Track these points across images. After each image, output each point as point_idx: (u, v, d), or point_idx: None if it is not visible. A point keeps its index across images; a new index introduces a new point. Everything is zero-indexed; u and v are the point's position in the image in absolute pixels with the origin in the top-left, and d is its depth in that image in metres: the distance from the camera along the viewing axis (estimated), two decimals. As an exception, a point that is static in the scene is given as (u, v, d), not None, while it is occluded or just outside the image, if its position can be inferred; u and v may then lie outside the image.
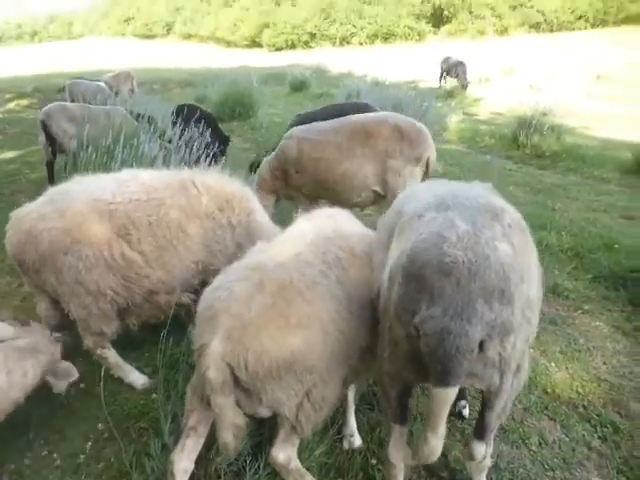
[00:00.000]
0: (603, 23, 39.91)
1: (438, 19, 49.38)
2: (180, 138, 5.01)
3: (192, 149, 4.67)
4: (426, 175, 4.34)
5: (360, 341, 2.08)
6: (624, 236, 4.80)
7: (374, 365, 2.32)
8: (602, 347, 3.25)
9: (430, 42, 46.20)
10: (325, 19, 50.82)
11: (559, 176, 7.36)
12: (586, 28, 40.38)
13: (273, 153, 4.60)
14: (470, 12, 47.50)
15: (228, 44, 55.27)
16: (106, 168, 4.10)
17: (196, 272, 2.86)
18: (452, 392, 1.51)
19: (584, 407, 2.73)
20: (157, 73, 23.73)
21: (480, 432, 1.86)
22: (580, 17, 41.11)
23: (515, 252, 1.57)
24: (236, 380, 1.80)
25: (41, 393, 2.89)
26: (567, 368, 3.05)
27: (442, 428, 1.58)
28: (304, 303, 1.87)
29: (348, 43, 49.81)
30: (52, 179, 6.36)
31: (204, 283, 3.01)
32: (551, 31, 42.06)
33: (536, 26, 43.85)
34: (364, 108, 5.80)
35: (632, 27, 35.83)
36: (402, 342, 1.66)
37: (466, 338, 1.44)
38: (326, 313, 1.92)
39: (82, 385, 3.02)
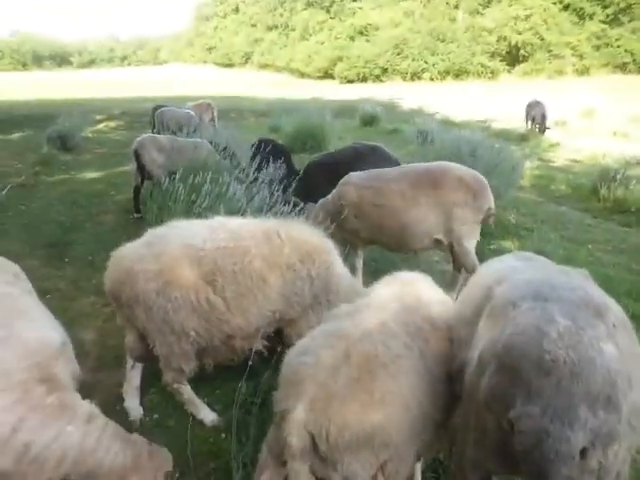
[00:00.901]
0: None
1: (514, 58, 48.82)
2: (258, 175, 5.25)
3: (272, 189, 4.84)
4: (485, 223, 4.50)
5: (436, 416, 2.05)
6: None
7: (445, 439, 2.27)
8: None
9: (504, 81, 45.68)
10: (398, 54, 51.72)
11: (645, 235, 6.90)
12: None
13: (326, 198, 4.74)
14: (549, 51, 46.53)
15: (302, 75, 57.49)
16: (192, 203, 4.35)
17: (272, 320, 2.95)
18: None
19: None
20: (234, 101, 25.07)
21: None
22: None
23: (621, 355, 1.50)
24: (314, 447, 1.83)
25: (118, 419, 3.07)
26: None
27: None
28: (388, 378, 1.88)
29: (419, 78, 50.32)
30: (137, 203, 6.85)
31: (278, 331, 3.11)
32: (638, 72, 40.10)
33: (622, 67, 42.06)
34: (377, 150, 6.04)
35: None
36: (491, 432, 1.62)
37: (567, 444, 1.38)
38: (408, 388, 1.92)
39: (155, 415, 3.17)
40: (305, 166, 6.14)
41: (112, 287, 2.79)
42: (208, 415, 3.05)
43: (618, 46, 42.33)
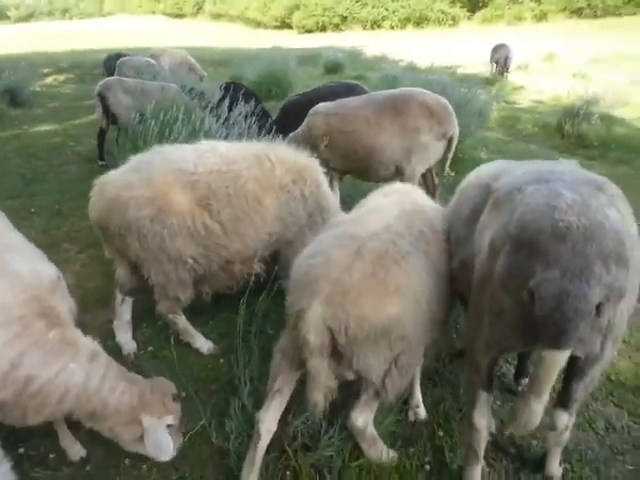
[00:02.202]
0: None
1: (473, 4, 48.05)
2: (229, 113, 5.07)
3: (249, 124, 4.71)
4: (448, 151, 4.54)
5: (440, 314, 2.13)
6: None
7: (445, 339, 2.38)
8: (665, 338, 3.20)
9: (465, 27, 45.11)
10: (356, 2, 50.03)
11: (608, 167, 7.16)
12: (635, 13, 38.29)
13: (297, 130, 4.75)
14: (507, -4, 46.08)
15: (258, 24, 54.99)
16: (167, 142, 4.18)
17: (269, 243, 2.94)
18: (563, 356, 1.55)
19: (651, 395, 2.72)
20: (190, 52, 23.79)
21: (565, 401, 1.87)
22: (629, 1, 38.88)
23: (624, 218, 1.65)
24: (332, 343, 1.87)
25: (110, 355, 3.04)
26: (630, 357, 3.03)
27: (546, 394, 1.62)
28: (400, 272, 1.93)
29: (379, 27, 48.98)
30: (102, 149, 6.57)
31: (275, 254, 3.10)
32: (595, 17, 40.37)
33: (578, 11, 42.21)
34: (357, 89, 5.93)
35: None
36: (508, 309, 1.71)
37: (585, 300, 1.48)
38: (418, 283, 1.98)
39: (150, 348, 3.15)
40: (282, 105, 5.97)
41: (99, 217, 2.68)
42: (204, 344, 3.06)
43: (574, -9, 42.27)
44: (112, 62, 10.72)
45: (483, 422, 2.00)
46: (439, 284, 2.10)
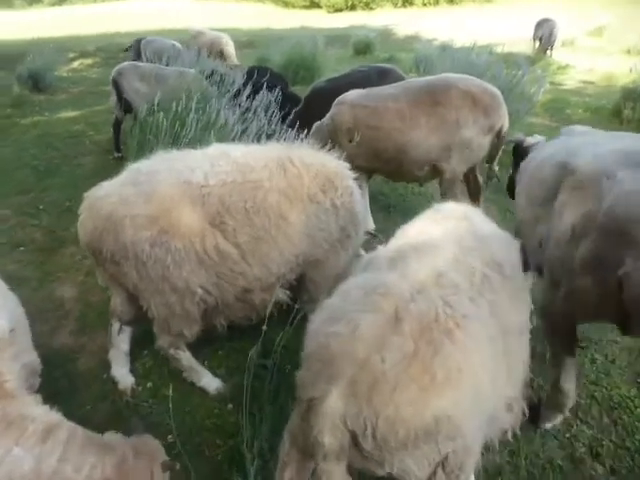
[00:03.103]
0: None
1: (512, -24, 45.64)
2: (252, 104, 4.56)
3: (269, 116, 4.20)
4: (498, 147, 3.91)
5: (510, 391, 1.61)
6: None
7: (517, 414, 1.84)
8: None
9: (500, 2, 42.93)
10: (388, -22, 48.21)
11: (675, 158, 6.35)
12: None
13: (321, 121, 4.18)
14: (548, -32, 43.48)
15: (286, 4, 53.78)
16: (177, 136, 3.72)
17: (295, 265, 2.46)
18: None
19: None
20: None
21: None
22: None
23: None
24: (355, 443, 1.38)
25: (105, 388, 2.64)
26: None
27: None
28: (455, 349, 1.38)
29: (411, 4, 47.10)
30: (118, 140, 6.20)
31: (301, 277, 2.63)
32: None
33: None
34: (391, 73, 5.29)
35: None
36: (589, 291, 1.81)
37: None
38: (479, 361, 1.42)
39: (149, 384, 2.74)
40: (308, 92, 5.41)
41: (90, 239, 2.25)
42: (211, 382, 2.63)
43: (624, -41, 39.54)
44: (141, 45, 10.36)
45: (571, 387, 2.17)
46: (510, 349, 1.56)
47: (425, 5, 46.24)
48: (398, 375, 1.32)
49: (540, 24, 14.99)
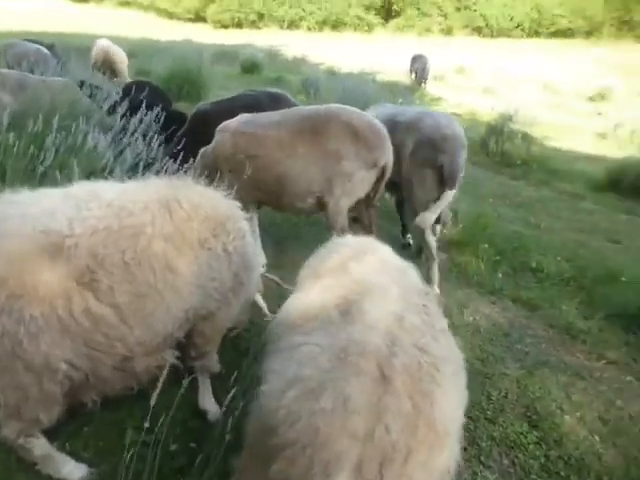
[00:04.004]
0: (537, 34, 42.09)
1: (387, 12, 49.43)
2: (128, 124, 4.06)
3: (149, 140, 3.76)
4: (380, 182, 3.79)
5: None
6: (622, 265, 4.53)
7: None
8: (642, 411, 2.86)
9: (379, 35, 46.12)
10: (273, 0, 49.17)
11: (533, 189, 7.14)
12: (522, 37, 42.37)
13: (206, 148, 3.88)
14: (417, 9, 47.93)
15: (170, 15, 51.90)
16: (32, 162, 3.11)
17: (185, 321, 2.09)
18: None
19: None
20: (93, 40, 21.48)
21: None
22: (517, 26, 43.04)
23: None
24: None
25: None
26: (615, 445, 2.60)
27: None
28: (442, 395, 1.30)
29: (297, 27, 48.49)
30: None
31: (189, 331, 2.26)
32: (492, 36, 43.54)
33: (478, 30, 45.16)
34: (281, 99, 5.15)
35: (562, 40, 38.17)
36: (429, 176, 3.87)
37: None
38: (456, 398, 1.39)
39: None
40: (191, 116, 5.01)
41: None
42: (74, 471, 2.10)
43: (475, 10, 45.38)
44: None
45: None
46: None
47: (310, 30, 47.99)
48: (408, 441, 1.18)
49: (415, 59, 16.25)
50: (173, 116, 5.43)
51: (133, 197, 1.98)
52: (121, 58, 9.98)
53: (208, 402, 2.57)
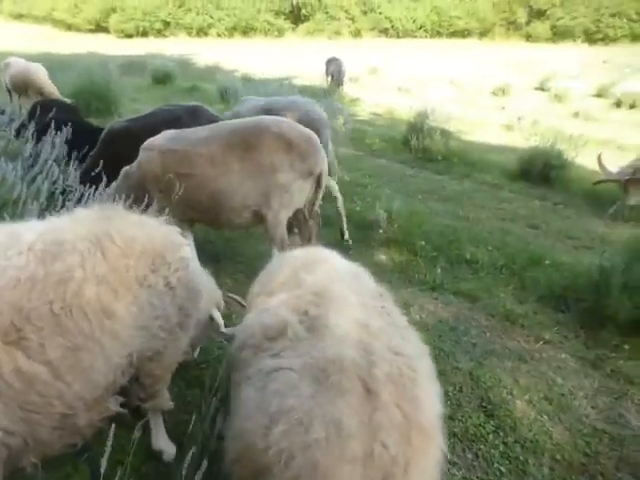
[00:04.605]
0: (439, 34, 44.75)
1: (296, 17, 49.95)
2: (39, 150, 3.70)
3: (62, 164, 3.45)
4: (318, 190, 3.83)
5: None
6: (543, 249, 4.86)
7: None
8: (580, 386, 3.05)
9: (290, 39, 46.47)
10: (180, 7, 47.86)
11: (456, 182, 7.47)
12: (425, 37, 44.85)
13: (130, 167, 3.72)
14: (326, 12, 48.92)
15: (69, 27, 48.74)
16: None
17: (128, 367, 1.90)
18: None
19: (602, 474, 2.44)
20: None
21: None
22: (420, 27, 45.45)
23: None
24: None
25: None
26: (561, 420, 2.76)
27: None
28: (424, 395, 1.35)
29: (206, 34, 47.56)
30: None
31: (135, 372, 2.07)
32: (398, 37, 45.57)
33: (385, 31, 47.05)
34: (199, 112, 5.07)
35: (460, 40, 40.99)
36: None
37: None
38: (436, 394, 1.43)
39: None
40: (104, 134, 4.68)
41: None
42: None
43: (380, 12, 47.26)
44: None
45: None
46: None
47: (219, 36, 47.25)
48: (405, 452, 1.19)
49: (330, 61, 16.50)
50: (87, 131, 5.08)
51: (57, 237, 1.77)
52: (45, 76, 8.98)
53: (163, 441, 2.41)
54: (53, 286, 1.64)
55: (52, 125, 4.31)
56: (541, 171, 7.37)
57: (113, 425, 1.69)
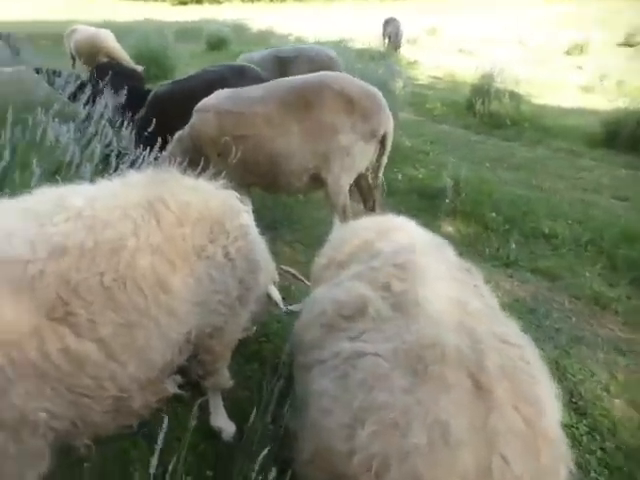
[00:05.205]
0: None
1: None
2: (93, 111, 3.59)
3: (118, 126, 3.33)
4: (382, 153, 3.49)
5: None
6: (637, 224, 4.30)
7: None
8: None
9: (343, 1, 44.81)
10: (233, -29, 47.21)
11: (528, 148, 6.85)
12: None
13: (183, 130, 3.53)
14: (382, -29, 46.63)
15: (126, -5, 49.43)
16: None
17: (186, 345, 1.74)
18: None
19: None
20: (46, 26, 20.19)
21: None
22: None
23: None
24: None
25: None
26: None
27: None
28: (544, 394, 1.10)
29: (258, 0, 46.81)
30: None
31: (194, 349, 1.91)
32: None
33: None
34: (246, 72, 4.77)
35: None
36: None
37: None
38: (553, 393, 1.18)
39: None
40: (150, 97, 4.53)
41: None
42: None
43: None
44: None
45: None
46: None
47: (272, 1, 46.32)
48: (531, 470, 0.96)
49: (388, 22, 15.63)
50: (141, 96, 4.97)
51: (108, 202, 1.59)
52: (114, 42, 8.89)
53: (222, 420, 2.28)
54: (104, 256, 1.47)
55: (105, 88, 4.24)
56: (630, 136, 6.57)
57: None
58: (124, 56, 8.75)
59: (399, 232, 1.60)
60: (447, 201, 4.60)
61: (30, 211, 1.47)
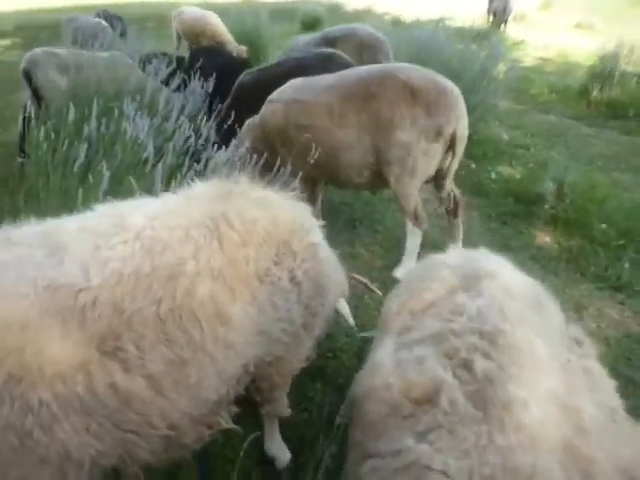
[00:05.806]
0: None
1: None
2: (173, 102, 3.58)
3: (200, 120, 3.31)
4: (452, 155, 3.09)
5: None
6: None
7: None
8: None
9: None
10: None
11: (652, 144, 5.93)
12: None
13: (253, 119, 3.48)
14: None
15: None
16: (65, 160, 2.66)
17: (243, 375, 1.62)
18: None
19: None
20: (149, 8, 21.30)
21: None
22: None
23: None
24: None
25: None
26: None
27: None
28: None
29: (357, -25, 45.81)
30: (24, 140, 5.02)
31: (252, 379, 1.80)
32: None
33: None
34: (334, 58, 4.48)
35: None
36: None
37: None
38: None
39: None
40: (234, 87, 4.48)
41: None
42: None
43: None
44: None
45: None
46: None
47: (371, -23, 45.10)
48: None
49: (493, -4, 14.42)
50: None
51: (169, 221, 1.48)
52: (221, 24, 9.10)
53: (276, 447, 2.16)
54: (161, 283, 1.36)
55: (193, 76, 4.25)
56: None
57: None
58: (229, 38, 8.93)
59: (491, 281, 1.31)
60: (547, 207, 4.09)
61: (88, 231, 1.40)
